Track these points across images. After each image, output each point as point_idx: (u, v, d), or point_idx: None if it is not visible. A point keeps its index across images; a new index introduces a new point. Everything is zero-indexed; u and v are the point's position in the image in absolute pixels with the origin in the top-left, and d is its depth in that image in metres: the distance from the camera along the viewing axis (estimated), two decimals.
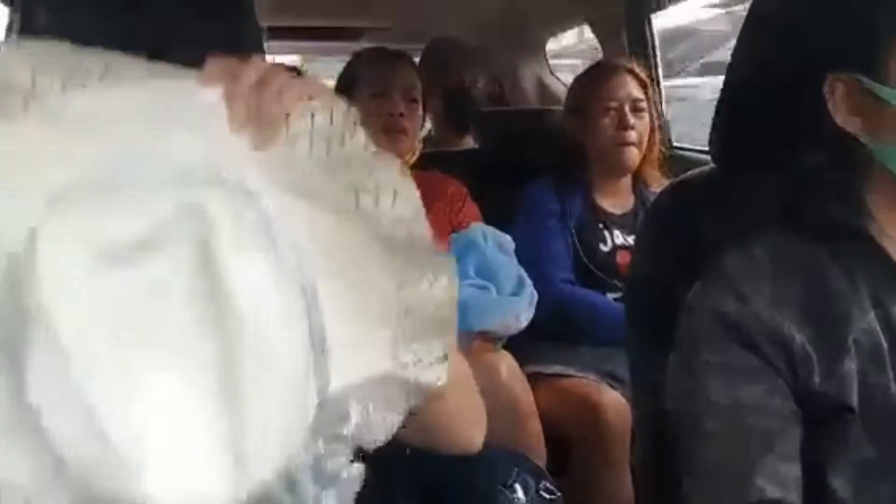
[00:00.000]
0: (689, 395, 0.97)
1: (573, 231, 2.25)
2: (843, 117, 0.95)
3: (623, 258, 2.21)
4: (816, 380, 0.94)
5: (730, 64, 1.15)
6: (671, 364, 1.01)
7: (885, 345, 0.95)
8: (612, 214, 2.32)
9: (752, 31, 1.12)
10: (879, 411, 0.94)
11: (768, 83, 1.07)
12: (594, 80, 2.34)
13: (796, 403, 0.95)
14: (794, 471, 0.92)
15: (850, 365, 0.94)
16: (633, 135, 2.26)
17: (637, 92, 2.30)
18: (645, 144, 2.29)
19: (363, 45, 2.68)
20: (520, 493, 1.14)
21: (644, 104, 2.30)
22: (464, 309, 1.88)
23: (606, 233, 2.28)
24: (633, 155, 2.28)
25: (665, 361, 1.04)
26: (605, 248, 2.26)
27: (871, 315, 0.96)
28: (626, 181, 2.35)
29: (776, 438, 0.92)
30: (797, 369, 0.94)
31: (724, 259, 1.00)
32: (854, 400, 0.93)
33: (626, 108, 2.27)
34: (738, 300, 0.95)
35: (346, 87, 2.21)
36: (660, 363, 1.06)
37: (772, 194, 1.06)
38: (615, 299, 2.18)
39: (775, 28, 1.08)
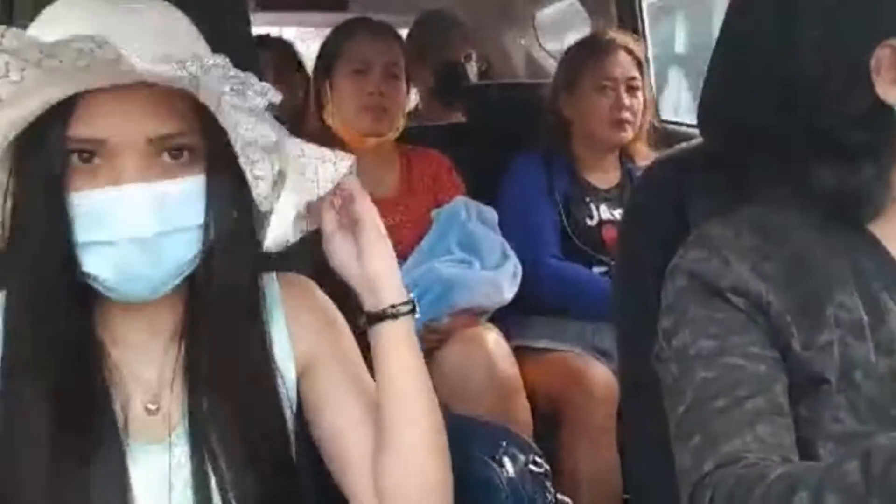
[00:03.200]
0: (677, 353, 0.98)
1: (560, 205, 2.25)
2: (885, 88, 0.94)
3: (609, 232, 2.21)
4: (797, 347, 0.95)
5: (716, 43, 1.15)
6: (660, 327, 1.02)
7: (865, 317, 0.96)
8: (599, 189, 2.32)
9: (733, 17, 1.12)
10: (861, 383, 0.94)
11: (749, 65, 1.08)
12: (588, 57, 2.30)
13: None
14: (783, 411, 0.94)
15: (830, 337, 0.95)
16: (627, 114, 2.25)
17: (632, 70, 2.28)
18: (638, 123, 2.29)
19: (349, 15, 2.64)
20: (508, 467, 1.14)
21: (639, 83, 2.28)
22: (448, 285, 1.91)
23: (593, 207, 2.28)
24: (627, 135, 2.27)
25: (652, 333, 1.04)
26: (591, 223, 2.26)
27: (853, 287, 0.97)
28: (613, 156, 2.35)
29: (765, 381, 0.94)
30: (777, 334, 0.96)
31: (708, 227, 1.02)
32: (832, 372, 0.94)
33: (622, 87, 2.25)
34: (721, 263, 0.97)
35: (327, 62, 2.17)
36: (647, 336, 1.06)
37: (756, 170, 1.07)
38: (601, 273, 2.18)
39: (756, 12, 1.09)
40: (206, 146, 0.87)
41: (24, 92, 0.79)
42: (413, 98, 2.49)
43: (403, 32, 2.74)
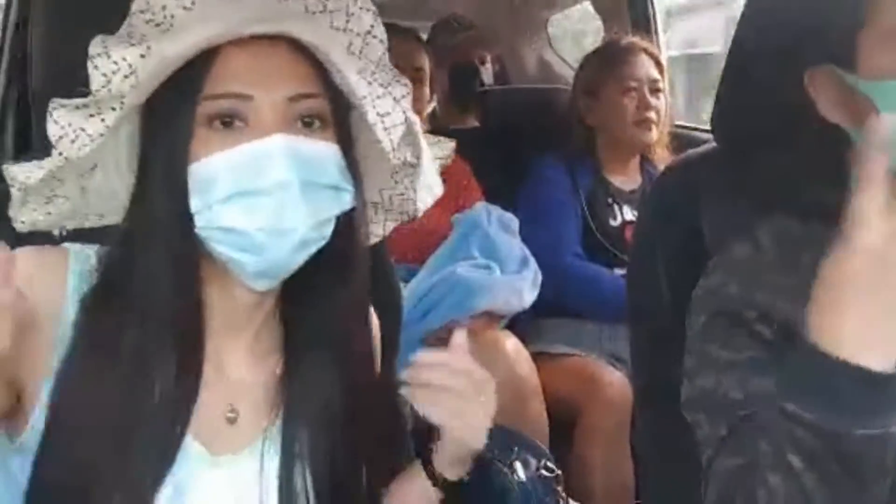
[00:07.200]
0: (703, 394, 0.97)
1: (583, 205, 2.25)
2: (826, 108, 0.97)
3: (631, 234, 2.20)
4: None
5: (729, 50, 1.15)
6: (685, 364, 1.00)
7: None
8: (622, 190, 2.31)
9: (745, 23, 1.12)
10: None
11: (761, 74, 1.08)
12: (610, 61, 2.30)
13: None
14: None
15: None
16: (652, 114, 2.25)
17: (654, 72, 2.28)
18: (662, 124, 2.28)
19: None
20: (520, 472, 1.14)
21: (661, 84, 2.28)
22: (467, 288, 1.91)
23: (616, 208, 2.28)
24: (653, 135, 2.27)
25: (664, 339, 1.04)
26: (614, 223, 2.26)
27: None
28: (635, 159, 2.35)
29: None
30: None
31: (730, 252, 1.00)
32: None
33: (646, 88, 2.25)
34: (744, 293, 0.96)
35: None
36: (660, 340, 1.06)
37: (772, 178, 1.06)
38: (622, 276, 2.18)
39: (763, 22, 1.09)
40: (332, 113, 0.89)
41: (182, 25, 0.80)
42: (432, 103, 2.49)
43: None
